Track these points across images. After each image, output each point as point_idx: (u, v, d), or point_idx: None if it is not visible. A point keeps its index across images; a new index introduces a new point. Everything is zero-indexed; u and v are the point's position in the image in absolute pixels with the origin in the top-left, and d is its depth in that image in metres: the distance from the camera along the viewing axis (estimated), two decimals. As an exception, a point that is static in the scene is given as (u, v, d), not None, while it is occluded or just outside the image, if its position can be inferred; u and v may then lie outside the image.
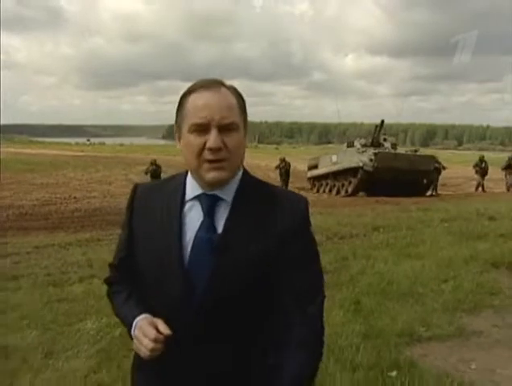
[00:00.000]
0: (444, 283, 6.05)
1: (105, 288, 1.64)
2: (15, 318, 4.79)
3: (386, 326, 4.54)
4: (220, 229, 1.41)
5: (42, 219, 13.76)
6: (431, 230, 9.86)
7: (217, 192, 1.42)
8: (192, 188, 1.46)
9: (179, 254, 1.41)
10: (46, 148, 71.92)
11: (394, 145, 24.15)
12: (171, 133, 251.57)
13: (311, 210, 1.50)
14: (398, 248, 8.12)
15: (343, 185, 23.20)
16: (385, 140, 24.08)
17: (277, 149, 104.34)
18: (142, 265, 1.48)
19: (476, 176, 24.28)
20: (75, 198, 19.34)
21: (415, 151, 23.73)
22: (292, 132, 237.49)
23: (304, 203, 1.49)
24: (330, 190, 24.39)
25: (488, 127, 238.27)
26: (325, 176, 25.13)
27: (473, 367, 3.86)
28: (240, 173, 1.48)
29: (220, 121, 1.34)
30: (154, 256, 1.44)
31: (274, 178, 24.31)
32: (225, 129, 1.35)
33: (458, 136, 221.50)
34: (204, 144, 1.35)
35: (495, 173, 24.79)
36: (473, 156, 37.77)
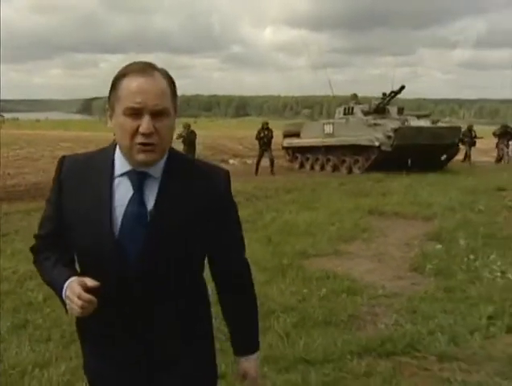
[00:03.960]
0: (332, 225, 8.36)
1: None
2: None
3: (287, 250, 6.73)
4: (149, 204, 1.49)
5: (-12, 193, 14.93)
6: (328, 190, 12.36)
7: (146, 169, 1.50)
8: (122, 164, 1.51)
9: (109, 228, 1.47)
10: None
11: (400, 110, 19.19)
12: (86, 107, 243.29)
13: (233, 178, 1.69)
14: (301, 203, 10.48)
15: (343, 162, 18.66)
16: (387, 104, 19.23)
17: (195, 122, 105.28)
18: (74, 237, 1.54)
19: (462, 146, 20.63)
20: (9, 174, 20.14)
21: (436, 122, 18.01)
22: (210, 105, 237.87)
23: (226, 174, 1.61)
24: (322, 168, 19.68)
25: (398, 99, 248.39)
26: (312, 148, 20.21)
27: (339, 268, 6.11)
28: (166, 152, 1.54)
29: (153, 108, 1.41)
30: (85, 230, 1.50)
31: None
32: (157, 114, 1.42)
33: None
34: (137, 128, 1.41)
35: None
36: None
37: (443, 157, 18.37)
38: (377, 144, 16.50)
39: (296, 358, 3.59)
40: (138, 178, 1.50)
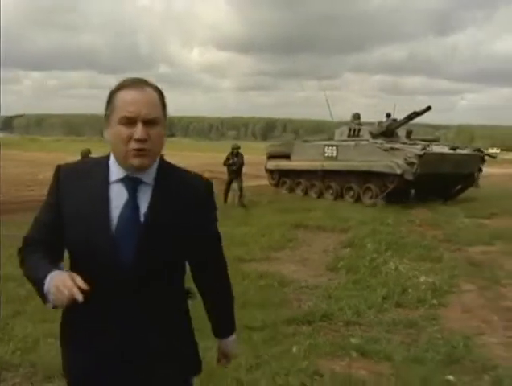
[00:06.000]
0: (263, 237, 9.72)
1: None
2: None
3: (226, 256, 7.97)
4: (142, 207, 1.63)
5: None
6: (259, 208, 13.81)
7: (139, 175, 1.64)
8: (117, 171, 1.66)
9: (107, 230, 1.61)
10: None
11: (408, 134, 17.34)
12: (7, 124, 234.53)
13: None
14: (237, 219, 11.80)
15: (349, 189, 16.11)
16: (399, 126, 16.96)
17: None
18: (71, 237, 1.65)
19: None
20: None
21: (455, 148, 15.68)
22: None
23: (209, 184, 1.79)
24: (320, 195, 16.87)
25: (322, 121, 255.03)
26: (306, 172, 17.42)
27: (271, 269, 7.41)
28: (157, 159, 1.69)
29: (146, 116, 1.57)
30: (83, 231, 1.62)
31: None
32: (148, 122, 1.58)
33: (296, 129, 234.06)
34: (131, 135, 1.56)
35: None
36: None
37: (458, 186, 16.55)
38: (398, 172, 14.19)
39: (242, 326, 4.82)
40: (132, 183, 1.65)
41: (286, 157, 18.06)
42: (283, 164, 18.09)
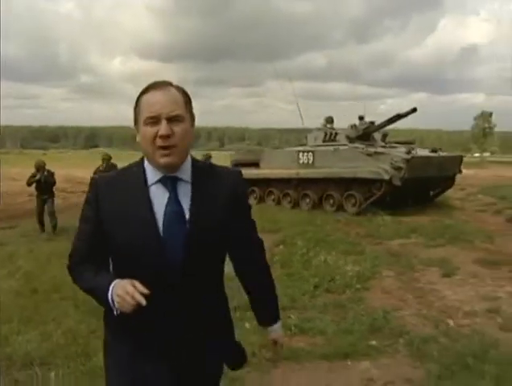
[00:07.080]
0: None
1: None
2: None
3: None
4: (184, 204, 1.72)
5: None
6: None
7: (177, 174, 1.73)
8: (153, 173, 1.74)
9: (154, 227, 1.68)
10: None
11: (384, 137, 16.20)
12: None
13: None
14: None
15: (327, 197, 14.96)
16: (376, 130, 15.91)
17: (45, 154, 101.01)
18: (120, 245, 1.72)
19: None
20: None
21: (436, 151, 14.83)
22: (58, 136, 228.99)
23: (240, 174, 1.90)
24: (295, 204, 15.74)
25: (246, 129, 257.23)
26: (278, 181, 16.23)
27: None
28: (189, 157, 1.78)
29: (169, 114, 1.65)
30: (131, 235, 1.69)
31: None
32: (172, 120, 1.65)
33: (220, 137, 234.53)
34: (157, 133, 1.64)
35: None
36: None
37: (436, 190, 16.20)
38: (386, 177, 13.24)
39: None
40: (171, 181, 1.73)
41: (254, 164, 16.96)
42: (252, 172, 16.02)
